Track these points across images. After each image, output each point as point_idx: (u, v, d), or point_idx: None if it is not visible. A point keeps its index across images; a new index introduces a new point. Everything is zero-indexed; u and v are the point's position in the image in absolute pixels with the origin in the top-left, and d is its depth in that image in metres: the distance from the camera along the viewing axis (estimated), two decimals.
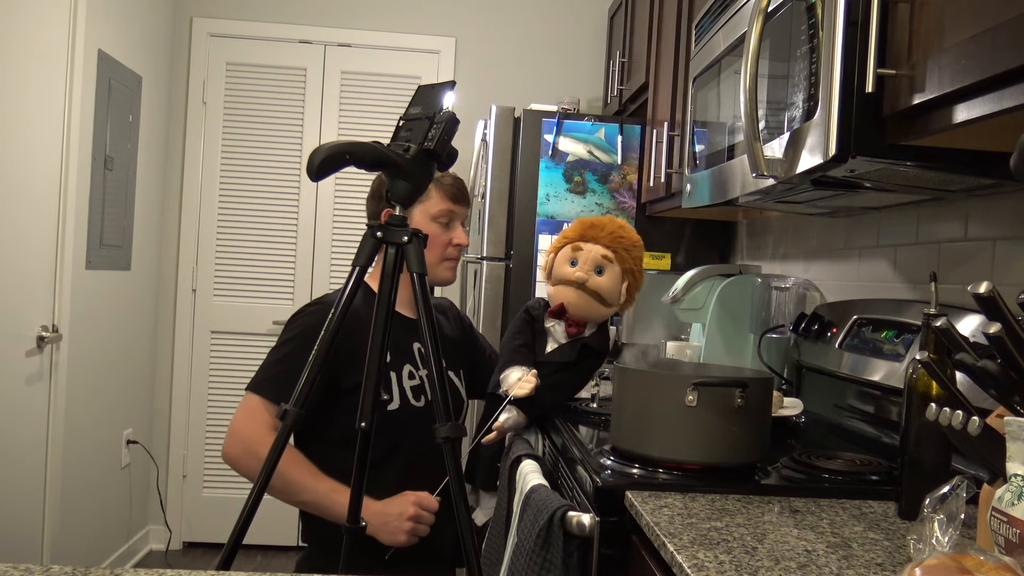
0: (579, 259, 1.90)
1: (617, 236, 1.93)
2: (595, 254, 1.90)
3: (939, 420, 0.92)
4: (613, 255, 1.90)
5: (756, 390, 1.42)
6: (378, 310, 1.48)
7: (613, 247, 1.91)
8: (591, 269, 1.89)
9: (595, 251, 1.90)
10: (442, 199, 1.93)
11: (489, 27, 3.98)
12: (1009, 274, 1.49)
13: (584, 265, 1.89)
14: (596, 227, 1.93)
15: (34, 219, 2.71)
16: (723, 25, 1.79)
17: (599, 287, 1.89)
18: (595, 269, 1.89)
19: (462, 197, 1.97)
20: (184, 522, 3.89)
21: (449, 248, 1.94)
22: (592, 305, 1.90)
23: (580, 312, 1.91)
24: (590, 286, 1.88)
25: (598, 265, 1.89)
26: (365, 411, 1.45)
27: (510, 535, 1.53)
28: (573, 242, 1.93)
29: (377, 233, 1.48)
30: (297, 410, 1.43)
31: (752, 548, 1.06)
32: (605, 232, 1.93)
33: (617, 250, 1.91)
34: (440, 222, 1.93)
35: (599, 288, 1.89)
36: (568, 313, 1.92)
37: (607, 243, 1.92)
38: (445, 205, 1.93)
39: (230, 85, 3.91)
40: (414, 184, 1.49)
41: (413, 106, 1.55)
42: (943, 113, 1.07)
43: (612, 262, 1.90)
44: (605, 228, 1.94)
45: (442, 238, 1.93)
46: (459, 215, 1.97)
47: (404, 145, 1.49)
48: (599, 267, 1.89)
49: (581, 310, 1.91)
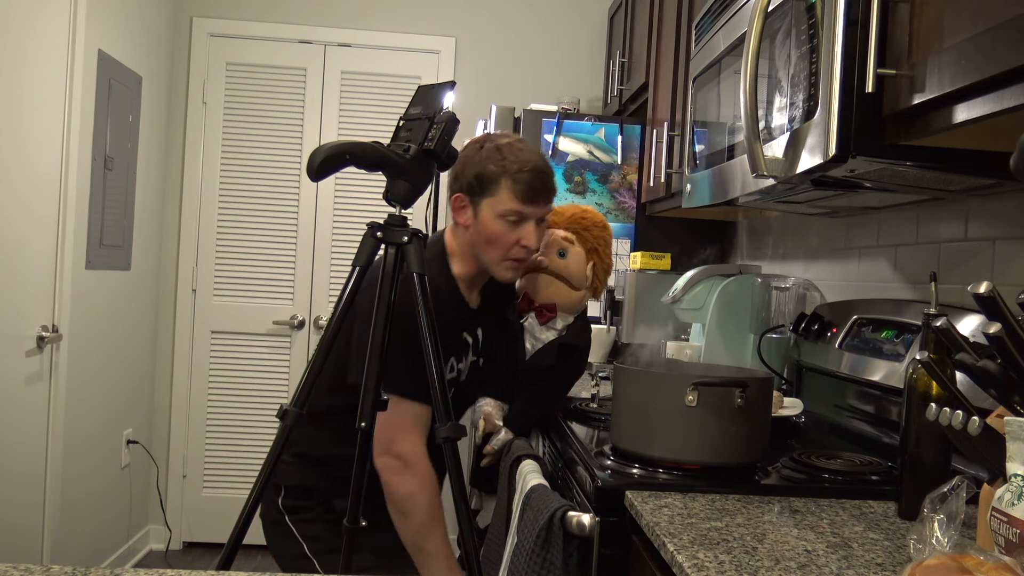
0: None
1: (577, 218, 1.93)
2: (555, 236, 1.90)
3: (939, 420, 0.92)
4: (574, 236, 1.91)
5: (756, 390, 1.42)
6: (378, 310, 1.48)
7: (573, 228, 1.91)
8: (552, 252, 1.88)
9: (555, 234, 1.91)
10: (511, 198, 1.71)
11: (489, 27, 3.98)
12: (1009, 274, 1.49)
13: (545, 249, 1.87)
14: (556, 212, 1.91)
15: (34, 219, 2.71)
16: (723, 25, 1.79)
17: (563, 269, 1.88)
18: (557, 252, 1.88)
19: (539, 196, 1.74)
20: (184, 522, 3.89)
21: (515, 248, 1.75)
22: (559, 288, 1.89)
23: (547, 297, 1.90)
24: (553, 269, 1.88)
25: (560, 248, 1.89)
26: (365, 411, 1.45)
27: (510, 535, 1.53)
28: None
29: (377, 233, 1.48)
30: (297, 410, 1.43)
31: (752, 548, 1.06)
32: (565, 216, 1.92)
33: (577, 231, 1.91)
34: (508, 220, 1.72)
35: (563, 270, 1.88)
36: (536, 301, 1.91)
37: (566, 225, 1.91)
38: (514, 205, 1.71)
39: (230, 85, 3.91)
40: (414, 184, 1.49)
41: (413, 106, 1.55)
42: (943, 113, 1.07)
43: (574, 243, 1.90)
44: (565, 212, 1.94)
45: (507, 238, 1.73)
46: (531, 215, 1.74)
47: (404, 145, 1.49)
48: (561, 249, 1.89)
49: (550, 296, 1.90)
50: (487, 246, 1.75)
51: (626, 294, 2.79)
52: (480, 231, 1.75)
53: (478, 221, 1.75)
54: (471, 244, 1.78)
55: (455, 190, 1.79)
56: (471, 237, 1.77)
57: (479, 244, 1.76)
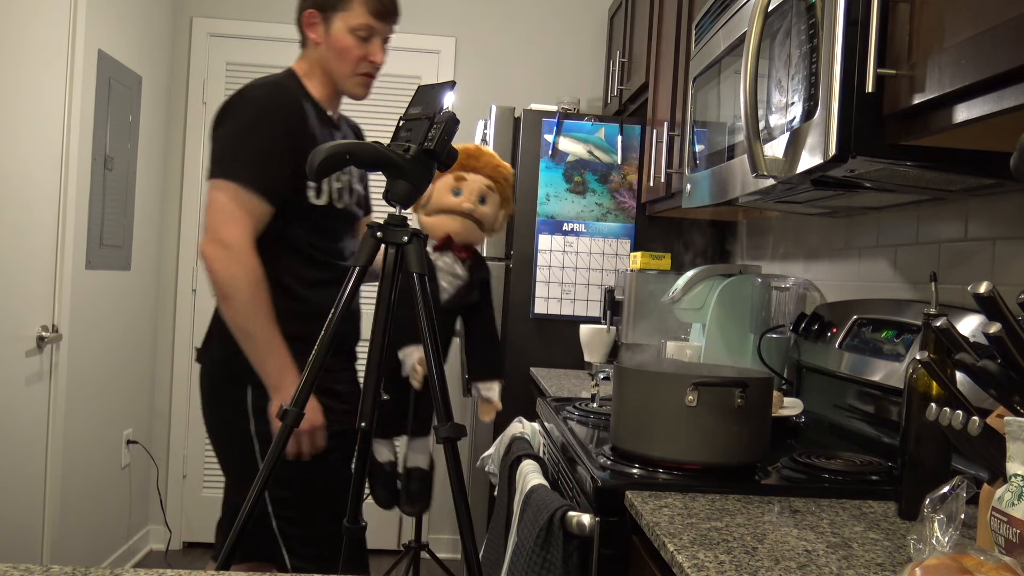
0: (463, 189, 1.98)
1: (496, 166, 2.04)
2: (479, 184, 2.00)
3: (939, 420, 0.92)
4: (495, 185, 2.02)
5: (756, 390, 1.42)
6: (378, 310, 1.48)
7: (494, 177, 2.02)
8: (476, 199, 1.99)
9: (479, 181, 2.00)
10: (364, 12, 1.86)
11: (489, 27, 3.98)
12: (1009, 274, 1.49)
13: (470, 196, 1.98)
14: (474, 157, 2.01)
15: (34, 219, 2.71)
16: (723, 25, 1.79)
17: (484, 216, 2.00)
18: (479, 198, 1.99)
19: (388, 14, 1.90)
20: (184, 522, 3.89)
21: (363, 63, 1.88)
22: (475, 231, 2.01)
23: (466, 239, 2.00)
24: (477, 215, 1.99)
25: (482, 194, 2.00)
26: (365, 411, 1.45)
27: (510, 535, 1.53)
28: (455, 172, 1.98)
29: (377, 233, 1.49)
30: (297, 410, 1.43)
31: (752, 548, 1.06)
32: (483, 162, 2.02)
33: (498, 180, 2.03)
34: (358, 35, 1.86)
35: (483, 217, 2.00)
36: (456, 242, 2.00)
37: (489, 173, 2.02)
38: (366, 19, 1.86)
39: (230, 85, 3.90)
40: (414, 184, 1.49)
41: (413, 106, 1.55)
42: (943, 113, 1.07)
43: (493, 191, 2.02)
44: (482, 158, 2.03)
45: (356, 52, 1.87)
46: (380, 32, 1.90)
47: (404, 145, 1.49)
48: (483, 196, 2.00)
49: (467, 237, 2.00)
50: (338, 61, 1.86)
51: (626, 294, 2.79)
52: (331, 45, 1.86)
53: (329, 36, 1.86)
54: (322, 61, 1.88)
55: (307, 6, 1.89)
56: (322, 54, 1.88)
57: (330, 60, 1.87)
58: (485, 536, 1.80)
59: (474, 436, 3.08)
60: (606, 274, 3.11)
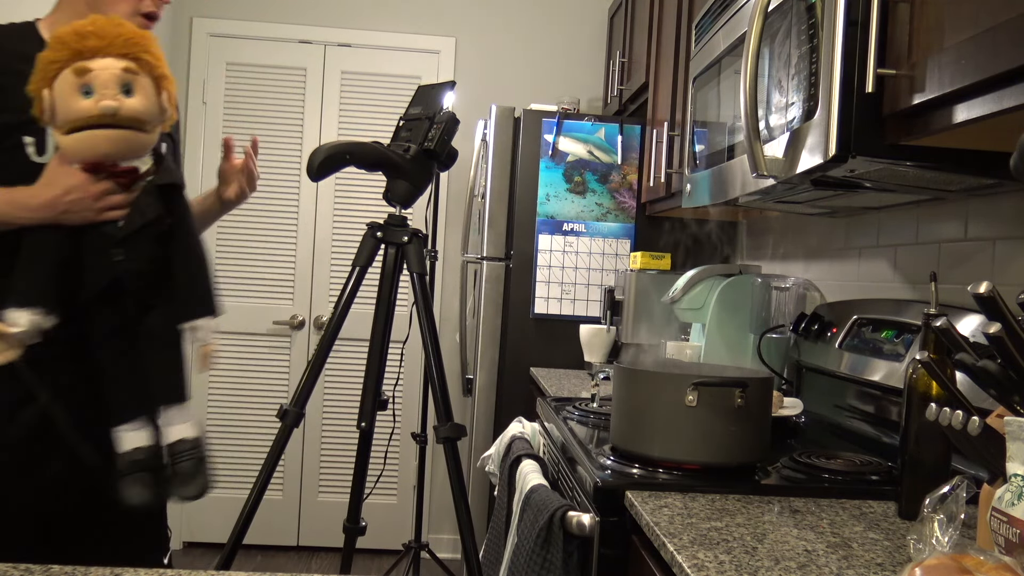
0: (93, 84, 1.36)
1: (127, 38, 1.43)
2: (114, 71, 1.38)
3: (939, 420, 0.92)
4: (136, 65, 1.41)
5: (756, 390, 1.42)
6: (378, 310, 1.48)
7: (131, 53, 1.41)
8: (116, 91, 1.38)
9: (112, 67, 1.38)
10: None
11: (489, 27, 3.98)
12: (1009, 274, 1.49)
13: (107, 90, 1.37)
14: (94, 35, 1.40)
15: None
16: (723, 25, 1.79)
17: (136, 112, 1.40)
18: (122, 90, 1.39)
19: None
20: (184, 522, 3.89)
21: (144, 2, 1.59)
22: (134, 139, 1.42)
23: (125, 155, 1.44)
24: (125, 114, 1.38)
25: (123, 83, 1.39)
26: (365, 411, 1.46)
27: (510, 535, 1.53)
28: (70, 63, 1.37)
29: (377, 233, 1.49)
30: (297, 410, 1.43)
31: (752, 548, 1.06)
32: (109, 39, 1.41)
33: (139, 56, 1.42)
34: None
35: (136, 113, 1.40)
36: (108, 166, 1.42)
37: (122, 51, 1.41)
38: None
39: (230, 85, 3.91)
40: (414, 184, 1.50)
41: (413, 106, 1.56)
42: (943, 113, 1.07)
43: (139, 73, 1.41)
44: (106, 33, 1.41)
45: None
46: None
47: (404, 145, 1.50)
48: (125, 85, 1.39)
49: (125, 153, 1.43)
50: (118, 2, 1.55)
51: (626, 294, 2.79)
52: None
53: None
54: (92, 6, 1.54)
55: None
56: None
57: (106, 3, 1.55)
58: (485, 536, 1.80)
59: (474, 436, 3.08)
60: (606, 274, 3.11)
